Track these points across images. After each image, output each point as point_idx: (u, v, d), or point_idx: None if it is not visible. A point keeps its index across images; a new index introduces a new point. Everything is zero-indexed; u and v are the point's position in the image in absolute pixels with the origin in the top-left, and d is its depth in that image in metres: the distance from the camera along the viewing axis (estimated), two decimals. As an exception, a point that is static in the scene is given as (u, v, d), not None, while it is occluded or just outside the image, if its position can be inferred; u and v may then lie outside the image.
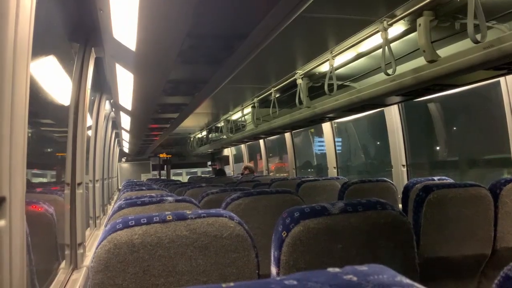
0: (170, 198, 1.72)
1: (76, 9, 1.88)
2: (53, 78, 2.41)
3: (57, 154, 3.14)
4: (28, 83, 0.86)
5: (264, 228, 1.81)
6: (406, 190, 2.51)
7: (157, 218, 1.06)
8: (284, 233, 1.08)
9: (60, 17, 1.98)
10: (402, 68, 2.40)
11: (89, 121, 3.43)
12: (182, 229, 1.05)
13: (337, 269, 0.43)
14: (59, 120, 2.93)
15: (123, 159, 12.92)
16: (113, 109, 4.98)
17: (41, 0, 1.04)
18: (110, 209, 6.18)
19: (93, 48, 2.18)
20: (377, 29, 2.29)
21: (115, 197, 8.25)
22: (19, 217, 0.81)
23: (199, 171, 16.11)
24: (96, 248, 1.01)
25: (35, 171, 2.79)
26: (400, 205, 2.61)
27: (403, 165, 3.67)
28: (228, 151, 10.66)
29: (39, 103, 2.21)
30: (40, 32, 1.03)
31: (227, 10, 1.97)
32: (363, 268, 0.43)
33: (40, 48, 0.92)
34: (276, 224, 1.14)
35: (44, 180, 3.08)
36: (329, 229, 1.09)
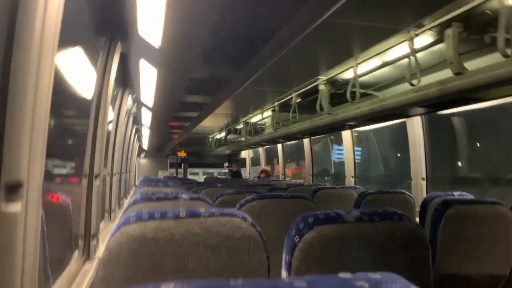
0: (185, 196, 1.73)
1: (104, 4, 1.91)
2: (78, 70, 2.45)
3: (76, 146, 3.19)
4: (52, 72, 0.88)
5: (277, 232, 1.79)
6: (425, 203, 2.46)
7: (171, 214, 1.06)
8: (297, 238, 1.07)
9: (88, 11, 2.01)
10: (427, 79, 2.35)
11: (111, 115, 3.47)
12: (195, 226, 1.05)
13: (348, 275, 0.41)
14: (80, 112, 2.98)
15: (142, 155, 13.07)
16: (135, 104, 5.04)
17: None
18: (125, 203, 6.25)
19: (118, 43, 2.21)
20: (404, 39, 2.26)
21: (131, 192, 8.34)
22: (35, 202, 0.82)
23: (215, 171, 16.19)
24: (109, 240, 1.01)
25: (56, 161, 2.84)
26: (418, 219, 2.56)
27: (423, 178, 3.60)
28: (245, 154, 10.67)
29: (62, 94, 2.25)
30: (67, 24, 1.04)
31: (252, 11, 1.98)
32: (376, 276, 0.42)
33: (66, 39, 0.93)
34: (289, 228, 1.13)
35: (64, 171, 3.13)
36: (343, 237, 1.07)
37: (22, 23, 0.80)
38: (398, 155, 6.82)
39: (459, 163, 5.25)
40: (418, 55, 2.29)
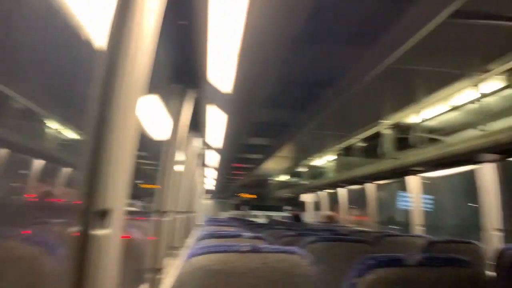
0: (248, 234, 1.79)
1: (179, 55, 2.11)
2: (155, 115, 2.67)
3: (145, 186, 3.38)
4: (136, 113, 1.02)
5: (336, 274, 1.78)
6: (501, 256, 2.30)
7: (235, 248, 1.12)
8: (355, 279, 1.08)
9: (165, 61, 2.22)
10: (497, 125, 2.27)
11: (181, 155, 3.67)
12: (257, 261, 1.10)
13: None
14: (154, 153, 3.19)
15: (205, 196, 13.39)
16: (202, 146, 5.29)
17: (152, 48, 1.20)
18: (188, 242, 6.39)
19: (192, 90, 2.39)
20: (470, 84, 2.23)
21: (193, 232, 8.52)
22: (119, 227, 0.94)
23: (274, 214, 16.05)
24: (180, 269, 1.09)
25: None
26: (493, 272, 2.39)
27: (498, 229, 3.35)
28: (305, 197, 10.55)
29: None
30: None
31: (315, 60, 2.07)
32: None
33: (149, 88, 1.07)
34: (350, 269, 1.14)
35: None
36: (403, 281, 1.07)
37: (117, 73, 0.95)
38: (472, 204, 6.39)
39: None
40: (487, 99, 2.24)
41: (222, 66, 2.01)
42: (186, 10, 1.47)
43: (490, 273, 2.39)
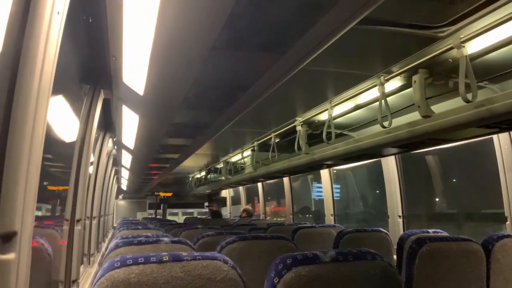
0: (166, 239, 1.75)
1: (90, 54, 1.99)
2: (61, 116, 2.50)
3: (50, 188, 3.16)
4: (45, 127, 0.94)
5: (257, 273, 1.82)
6: (401, 241, 2.52)
7: (154, 258, 1.09)
8: (276, 279, 1.11)
9: (74, 60, 2.09)
10: (398, 121, 2.47)
11: (92, 158, 3.48)
12: (178, 270, 1.08)
13: None
14: (57, 153, 2.99)
15: (120, 196, 12.85)
16: (115, 147, 5.06)
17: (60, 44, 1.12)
18: (103, 247, 6.10)
19: (102, 90, 2.28)
20: (374, 83, 2.39)
21: (109, 235, 8.15)
22: (27, 251, 0.86)
23: (195, 211, 15.97)
24: (94, 285, 1.03)
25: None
26: (395, 256, 2.61)
27: (399, 216, 3.69)
28: (225, 193, 10.63)
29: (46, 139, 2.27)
30: (56, 73, 1.10)
31: (231, 64, 2.08)
32: None
33: (54, 87, 0.99)
34: (268, 270, 1.17)
35: (39, 213, 3.09)
36: (320, 277, 1.12)
37: (23, 72, 0.87)
38: (377, 192, 6.94)
39: (435, 200, 5.38)
40: (389, 98, 2.42)
41: (133, 67, 1.94)
42: (98, 9, 1.39)
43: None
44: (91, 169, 3.64)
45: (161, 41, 1.57)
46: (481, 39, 1.76)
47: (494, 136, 2.76)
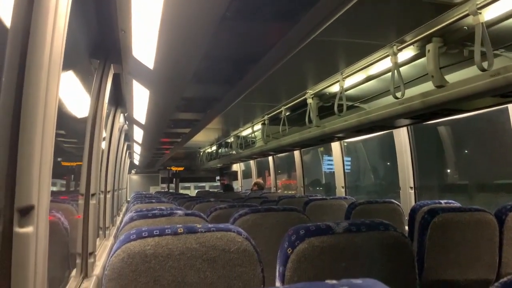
0: (180, 212, 1.78)
1: (98, 28, 1.98)
2: (72, 92, 2.50)
3: (64, 163, 3.21)
4: (57, 103, 0.94)
5: (270, 244, 1.85)
6: (413, 212, 2.53)
7: (169, 230, 1.11)
8: (289, 250, 1.13)
9: (83, 35, 2.08)
10: (411, 92, 2.44)
11: (104, 133, 3.51)
12: (192, 242, 1.10)
13: (334, 281, 0.48)
14: (70, 129, 3.02)
15: (133, 171, 13.04)
16: (127, 122, 5.09)
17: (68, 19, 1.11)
18: (118, 220, 6.24)
19: (112, 65, 2.27)
20: (387, 53, 2.35)
21: (123, 209, 8.31)
22: (44, 224, 0.88)
23: (207, 185, 16.17)
24: (110, 257, 1.06)
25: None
26: (407, 227, 2.63)
27: (411, 187, 3.68)
28: (236, 167, 10.71)
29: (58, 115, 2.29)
30: (65, 48, 1.10)
31: (242, 35, 2.05)
32: (358, 281, 0.48)
33: (63, 62, 0.98)
34: (282, 240, 1.19)
35: (54, 188, 3.15)
36: (333, 248, 1.14)
37: (33, 47, 0.87)
38: (388, 164, 6.92)
39: (447, 171, 5.36)
40: (402, 68, 2.38)
41: (143, 41, 1.92)
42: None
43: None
44: (103, 145, 3.67)
45: (170, 13, 1.55)
46: (498, 5, 1.71)
47: (509, 106, 2.70)
